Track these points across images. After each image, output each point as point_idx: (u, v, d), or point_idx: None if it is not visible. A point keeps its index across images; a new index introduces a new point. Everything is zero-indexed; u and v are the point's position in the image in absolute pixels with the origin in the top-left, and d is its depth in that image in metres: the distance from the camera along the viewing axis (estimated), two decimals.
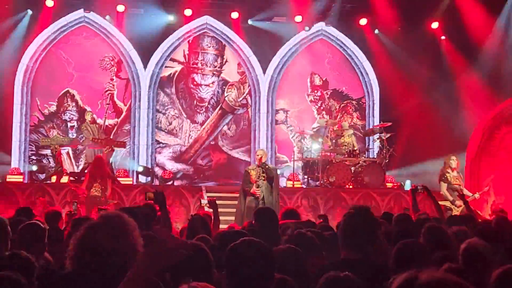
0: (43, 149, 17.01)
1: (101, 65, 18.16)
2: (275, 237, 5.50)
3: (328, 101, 19.33)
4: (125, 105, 18.30)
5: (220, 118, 18.86)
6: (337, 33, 19.03)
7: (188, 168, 18.55)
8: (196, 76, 18.80)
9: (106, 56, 18.17)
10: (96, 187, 12.66)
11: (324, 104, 19.31)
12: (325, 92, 19.33)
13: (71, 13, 17.74)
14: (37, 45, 17.54)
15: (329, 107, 19.30)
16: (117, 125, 18.17)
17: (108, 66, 18.20)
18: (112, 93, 18.14)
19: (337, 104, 19.36)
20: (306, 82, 19.26)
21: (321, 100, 19.31)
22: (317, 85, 19.33)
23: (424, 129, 17.57)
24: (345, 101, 19.43)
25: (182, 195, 14.79)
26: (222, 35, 18.77)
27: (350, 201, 14.94)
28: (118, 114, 18.26)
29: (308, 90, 19.28)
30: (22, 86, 17.47)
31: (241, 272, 3.15)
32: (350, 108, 19.46)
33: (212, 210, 7.53)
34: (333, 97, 19.37)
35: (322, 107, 19.28)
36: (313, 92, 19.29)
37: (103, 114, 17.53)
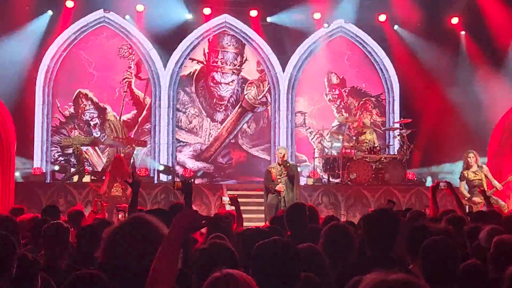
0: (68, 149, 17.11)
1: (119, 53, 18.24)
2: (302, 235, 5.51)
3: (347, 98, 19.29)
4: (145, 105, 18.40)
5: (240, 116, 18.90)
6: (356, 29, 18.98)
7: (208, 167, 18.62)
8: (216, 75, 18.85)
9: (124, 44, 18.24)
10: (116, 187, 12.72)
11: (343, 102, 19.28)
12: (343, 90, 19.29)
13: (91, 13, 17.86)
14: (57, 46, 17.67)
15: (348, 105, 19.26)
16: (137, 124, 18.25)
17: (126, 54, 18.29)
18: (129, 80, 18.22)
19: (356, 102, 19.33)
20: (323, 81, 19.23)
21: (340, 98, 19.28)
22: (335, 84, 19.29)
23: (445, 125, 17.49)
24: (363, 98, 19.39)
25: (203, 193, 14.86)
26: (241, 33, 18.80)
27: (371, 198, 14.95)
28: (136, 103, 18.29)
29: (326, 90, 19.25)
30: (43, 87, 17.61)
31: (268, 271, 3.20)
32: (369, 105, 19.41)
33: (234, 208, 7.56)
34: (351, 94, 19.33)
35: (341, 106, 19.24)
36: (331, 91, 19.27)
37: (119, 103, 17.62)
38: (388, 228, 4.39)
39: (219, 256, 3.88)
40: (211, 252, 3.91)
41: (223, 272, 2.63)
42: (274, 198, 12.83)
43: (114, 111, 17.70)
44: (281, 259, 3.22)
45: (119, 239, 3.19)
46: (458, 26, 18.35)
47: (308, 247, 4.34)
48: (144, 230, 3.13)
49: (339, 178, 15.49)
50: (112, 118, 16.44)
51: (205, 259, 3.86)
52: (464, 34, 18.34)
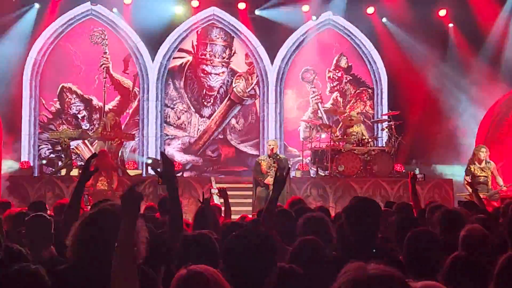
0: (58, 145, 16.99)
1: (91, 41, 18.13)
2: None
3: (345, 85, 19.33)
4: (129, 90, 18.29)
5: (229, 109, 18.87)
6: (344, 22, 18.98)
7: (197, 160, 18.60)
8: (205, 67, 18.81)
9: (95, 31, 18.10)
10: (102, 181, 12.69)
11: (339, 85, 19.29)
12: (345, 76, 19.32)
13: (78, 6, 17.77)
14: (44, 39, 17.57)
15: (344, 91, 19.30)
16: (129, 116, 18.20)
17: (99, 40, 18.18)
18: (107, 66, 18.12)
19: (353, 89, 19.36)
20: (333, 59, 19.21)
21: (339, 81, 19.30)
22: (341, 67, 19.32)
23: (433, 117, 17.54)
24: (361, 88, 19.42)
25: (192, 186, 14.83)
26: (229, 26, 18.76)
27: (360, 190, 14.96)
28: (117, 87, 18.19)
29: (331, 67, 19.24)
30: (31, 80, 17.52)
31: (236, 262, 3.09)
32: (365, 95, 19.44)
33: (223, 200, 7.54)
34: (350, 82, 19.37)
35: (336, 88, 19.25)
36: (335, 70, 19.29)
37: (101, 89, 17.57)
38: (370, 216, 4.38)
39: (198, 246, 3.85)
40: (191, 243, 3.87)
41: (189, 269, 2.57)
42: (263, 191, 12.85)
43: (100, 101, 17.63)
44: (249, 251, 3.09)
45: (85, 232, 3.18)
46: (446, 18, 18.38)
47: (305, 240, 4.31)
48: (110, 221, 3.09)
49: (328, 170, 15.51)
50: (110, 116, 16.27)
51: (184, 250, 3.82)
52: (452, 26, 18.37)
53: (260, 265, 3.05)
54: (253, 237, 3.16)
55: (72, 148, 15.85)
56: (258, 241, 3.13)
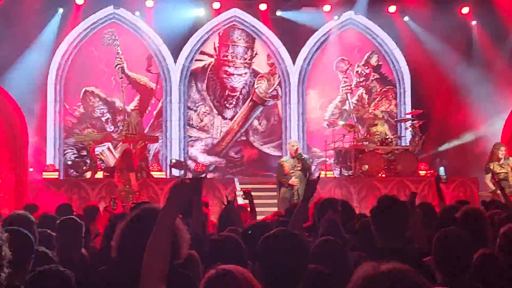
0: (83, 150, 17.10)
1: (102, 43, 18.24)
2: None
3: (371, 82, 19.29)
4: (159, 100, 18.43)
5: (251, 110, 18.91)
6: (366, 21, 18.93)
7: (220, 161, 18.65)
8: (228, 68, 18.87)
9: (105, 33, 18.20)
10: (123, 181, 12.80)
11: (366, 82, 19.25)
12: (373, 74, 19.28)
13: (101, 10, 17.91)
14: (68, 43, 17.73)
15: (370, 88, 19.26)
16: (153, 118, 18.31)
17: (110, 41, 18.29)
18: (121, 65, 18.24)
19: (379, 88, 19.31)
20: (364, 55, 19.20)
21: (365, 78, 19.26)
22: (371, 64, 19.29)
23: (456, 116, 17.43)
24: (387, 86, 19.36)
25: (215, 187, 14.87)
26: (250, 27, 18.79)
27: (384, 189, 14.89)
28: (135, 85, 18.30)
29: (361, 62, 19.22)
30: (55, 84, 17.68)
31: (274, 262, 3.14)
32: (390, 94, 19.38)
33: (248, 201, 7.54)
34: (377, 80, 19.32)
35: (362, 84, 19.21)
36: (364, 66, 19.25)
37: (119, 90, 17.70)
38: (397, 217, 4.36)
39: (226, 248, 3.88)
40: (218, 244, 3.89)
41: (219, 268, 2.60)
42: (287, 192, 12.85)
43: (121, 102, 17.80)
44: (287, 251, 3.16)
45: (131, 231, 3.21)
46: (469, 16, 18.25)
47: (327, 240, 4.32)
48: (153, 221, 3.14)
49: (351, 170, 15.47)
50: (133, 114, 16.39)
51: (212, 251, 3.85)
52: (475, 23, 18.24)
53: (296, 265, 3.11)
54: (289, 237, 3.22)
55: (97, 154, 16.00)
56: (294, 242, 3.19)
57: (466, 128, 17.08)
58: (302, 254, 3.21)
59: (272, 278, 3.08)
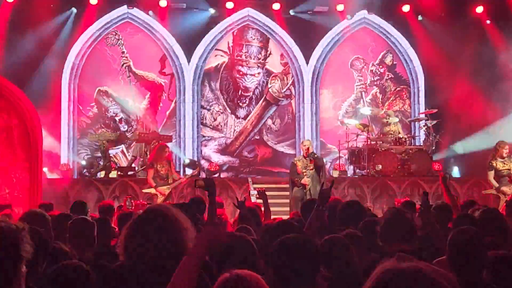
0: (97, 152, 17.13)
1: (107, 43, 18.27)
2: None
3: (385, 82, 19.24)
4: (171, 100, 18.48)
5: (264, 110, 18.91)
6: (380, 20, 18.88)
7: (234, 160, 18.66)
8: (241, 68, 18.88)
9: (108, 33, 18.22)
10: None
11: (380, 82, 19.21)
12: (387, 73, 19.24)
13: (115, 9, 17.97)
14: (82, 43, 17.81)
15: (384, 88, 19.21)
16: (165, 117, 18.35)
17: (114, 42, 18.33)
18: (128, 64, 18.28)
19: (393, 87, 19.26)
20: (379, 54, 19.17)
21: (380, 77, 19.22)
22: (385, 63, 19.25)
23: (472, 115, 17.34)
24: (401, 86, 19.30)
25: (229, 187, 14.88)
26: (264, 27, 18.79)
27: (397, 189, 14.86)
28: (143, 83, 18.35)
29: (376, 61, 19.18)
30: (69, 84, 17.76)
31: (288, 267, 3.18)
32: (404, 94, 19.32)
33: (262, 201, 7.54)
34: (392, 79, 19.27)
35: (376, 83, 19.17)
36: (379, 65, 19.21)
37: (126, 89, 17.75)
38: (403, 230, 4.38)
39: (237, 249, 3.87)
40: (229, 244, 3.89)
41: (232, 273, 2.59)
42: (299, 191, 12.83)
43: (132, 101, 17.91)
44: (300, 256, 3.21)
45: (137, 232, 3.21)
46: (483, 15, 18.14)
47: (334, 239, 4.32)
48: (162, 221, 3.13)
49: (365, 170, 15.43)
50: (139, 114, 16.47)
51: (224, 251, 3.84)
52: (490, 23, 18.14)
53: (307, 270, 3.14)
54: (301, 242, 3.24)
55: (111, 156, 16.11)
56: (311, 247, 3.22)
57: (481, 127, 16.97)
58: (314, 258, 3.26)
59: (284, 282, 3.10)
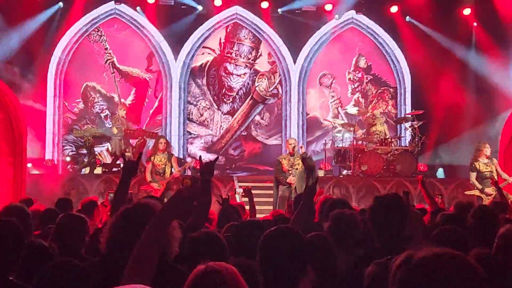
0: (82, 149, 17.04)
1: (90, 40, 18.18)
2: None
3: (366, 85, 19.26)
4: (156, 97, 18.42)
5: (251, 108, 18.89)
6: (367, 21, 18.91)
7: (219, 158, 18.61)
8: (228, 66, 18.85)
9: (91, 30, 18.09)
10: None
11: (361, 86, 19.23)
12: (365, 76, 19.26)
13: (102, 5, 17.89)
14: (69, 38, 17.71)
15: (366, 91, 19.23)
16: (149, 116, 18.29)
17: (97, 38, 18.23)
18: (111, 60, 18.20)
19: (374, 90, 19.29)
20: (351, 60, 19.16)
21: (359, 82, 19.24)
22: (361, 67, 19.27)
23: (457, 116, 17.42)
24: (382, 87, 19.34)
25: (214, 185, 14.85)
26: (252, 25, 18.77)
27: (382, 189, 14.88)
28: (128, 79, 18.27)
29: (350, 68, 19.19)
30: (55, 79, 17.66)
31: (274, 261, 3.16)
32: (386, 95, 19.37)
33: (248, 199, 7.53)
34: (372, 82, 19.30)
35: (357, 89, 19.19)
36: (355, 71, 19.23)
37: (112, 85, 17.67)
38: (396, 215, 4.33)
39: (206, 245, 3.85)
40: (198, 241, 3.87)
41: (207, 265, 2.58)
42: (286, 190, 12.82)
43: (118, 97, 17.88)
44: (287, 249, 3.18)
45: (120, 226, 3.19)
46: (470, 17, 18.23)
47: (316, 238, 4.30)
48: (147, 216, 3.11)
49: (350, 170, 15.46)
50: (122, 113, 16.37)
51: (192, 248, 3.82)
52: (476, 25, 18.22)
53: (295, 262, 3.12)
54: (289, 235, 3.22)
55: (96, 154, 16.05)
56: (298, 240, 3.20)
57: (467, 129, 17.05)
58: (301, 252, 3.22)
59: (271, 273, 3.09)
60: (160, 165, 12.77)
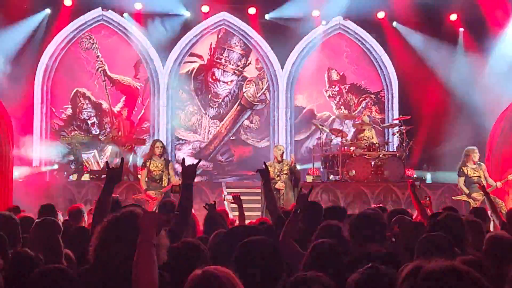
0: (69, 155, 16.96)
1: (81, 47, 18.15)
2: None
3: (347, 95, 19.28)
4: (144, 104, 18.39)
5: (239, 114, 18.89)
6: (355, 27, 18.97)
7: (208, 165, 18.61)
8: (216, 71, 18.84)
9: (83, 37, 18.11)
10: None
11: (342, 99, 19.26)
12: (343, 87, 19.28)
13: (89, 11, 17.85)
14: (56, 44, 17.66)
15: (348, 102, 19.25)
16: (136, 123, 18.25)
17: (89, 45, 18.20)
18: (103, 68, 18.17)
19: (356, 99, 19.32)
20: (324, 77, 19.21)
21: (340, 95, 19.27)
22: (335, 80, 19.27)
23: (445, 121, 17.49)
24: (363, 95, 19.37)
25: (202, 191, 14.82)
26: (239, 31, 18.78)
27: (370, 195, 14.92)
28: (118, 87, 18.23)
29: (326, 86, 19.23)
30: (42, 85, 17.61)
31: (249, 269, 3.17)
32: (369, 102, 19.39)
33: (237, 206, 7.49)
34: (351, 91, 19.31)
35: (340, 102, 19.23)
36: (331, 87, 19.25)
37: (103, 93, 17.65)
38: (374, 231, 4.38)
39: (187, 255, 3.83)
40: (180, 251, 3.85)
41: (204, 270, 2.59)
42: None
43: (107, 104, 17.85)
44: (261, 259, 3.20)
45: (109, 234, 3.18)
46: (457, 23, 18.33)
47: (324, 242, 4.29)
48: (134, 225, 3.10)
49: (338, 175, 15.47)
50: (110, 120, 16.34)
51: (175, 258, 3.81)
52: (463, 31, 18.33)
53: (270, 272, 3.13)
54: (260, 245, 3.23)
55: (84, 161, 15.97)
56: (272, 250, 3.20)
57: (454, 134, 17.11)
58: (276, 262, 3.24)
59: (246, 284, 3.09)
60: (157, 171, 12.15)
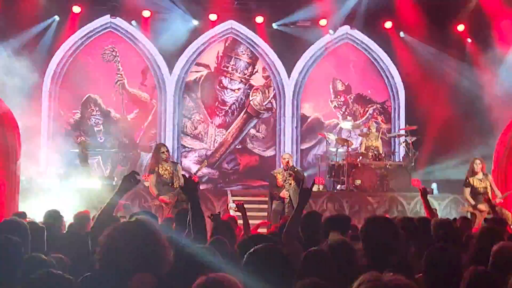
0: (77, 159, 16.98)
1: (103, 59, 18.24)
2: None
3: (352, 105, 19.27)
4: (146, 102, 18.42)
5: (245, 122, 18.91)
6: (362, 36, 18.98)
7: (213, 172, 18.62)
8: (224, 79, 18.88)
9: (106, 49, 18.22)
10: None
11: (348, 109, 19.26)
12: (348, 97, 19.27)
13: (98, 19, 17.93)
14: (64, 51, 17.75)
15: (354, 112, 19.25)
16: (143, 130, 18.28)
17: (111, 58, 18.30)
18: (122, 82, 18.24)
19: (361, 109, 19.31)
20: (329, 88, 19.21)
21: (345, 105, 19.26)
22: (340, 91, 19.27)
23: (451, 132, 17.45)
24: (369, 105, 19.37)
25: (208, 199, 14.83)
26: (246, 39, 18.83)
27: (376, 204, 14.90)
28: (135, 101, 18.34)
29: (331, 96, 19.24)
30: (50, 92, 17.68)
31: (259, 278, 3.18)
32: (375, 112, 19.38)
33: (241, 214, 7.49)
34: (356, 101, 19.31)
35: (346, 112, 19.23)
36: (336, 98, 19.25)
37: (119, 106, 17.68)
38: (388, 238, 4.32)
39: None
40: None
41: (208, 276, 2.60)
42: (280, 205, 12.83)
43: (117, 113, 17.87)
44: (270, 267, 3.22)
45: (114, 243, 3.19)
46: (464, 34, 18.32)
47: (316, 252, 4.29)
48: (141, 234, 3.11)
49: (344, 185, 15.46)
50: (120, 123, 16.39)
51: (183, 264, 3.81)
52: (470, 41, 18.31)
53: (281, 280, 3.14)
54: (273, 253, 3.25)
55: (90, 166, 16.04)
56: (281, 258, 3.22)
57: (461, 145, 17.08)
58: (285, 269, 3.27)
59: None
60: (167, 174, 11.74)
